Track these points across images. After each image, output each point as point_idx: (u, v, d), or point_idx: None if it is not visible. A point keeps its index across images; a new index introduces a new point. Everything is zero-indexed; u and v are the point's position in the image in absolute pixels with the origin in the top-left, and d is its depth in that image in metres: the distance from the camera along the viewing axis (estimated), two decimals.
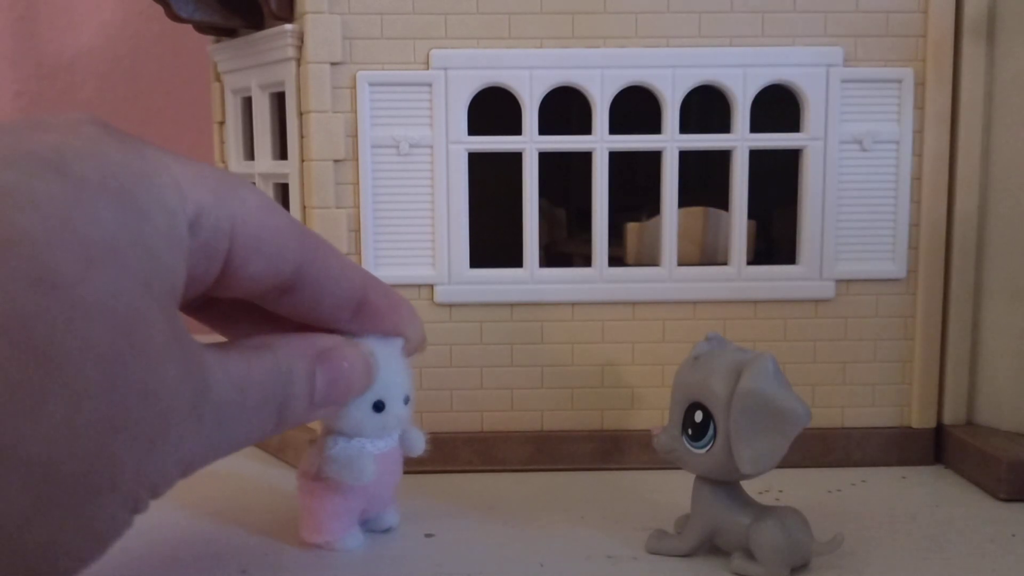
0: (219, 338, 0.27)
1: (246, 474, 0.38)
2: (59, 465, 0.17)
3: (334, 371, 0.25)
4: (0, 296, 0.16)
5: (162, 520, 0.30)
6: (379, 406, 0.28)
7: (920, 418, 0.38)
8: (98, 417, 0.18)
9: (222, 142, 0.43)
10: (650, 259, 0.39)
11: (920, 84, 0.37)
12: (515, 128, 0.37)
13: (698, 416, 0.27)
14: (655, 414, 0.38)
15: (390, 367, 0.28)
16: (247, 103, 0.41)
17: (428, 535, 0.31)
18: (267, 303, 0.25)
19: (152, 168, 0.20)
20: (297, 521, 0.30)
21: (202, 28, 0.40)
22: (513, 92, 0.36)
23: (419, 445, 0.31)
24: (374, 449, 0.29)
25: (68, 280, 0.17)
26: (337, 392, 0.26)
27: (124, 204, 0.19)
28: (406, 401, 0.29)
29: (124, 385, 0.18)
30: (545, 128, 0.37)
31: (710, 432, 0.27)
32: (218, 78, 0.43)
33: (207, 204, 0.21)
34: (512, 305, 0.37)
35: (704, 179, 0.43)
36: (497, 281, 0.37)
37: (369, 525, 0.31)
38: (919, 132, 0.37)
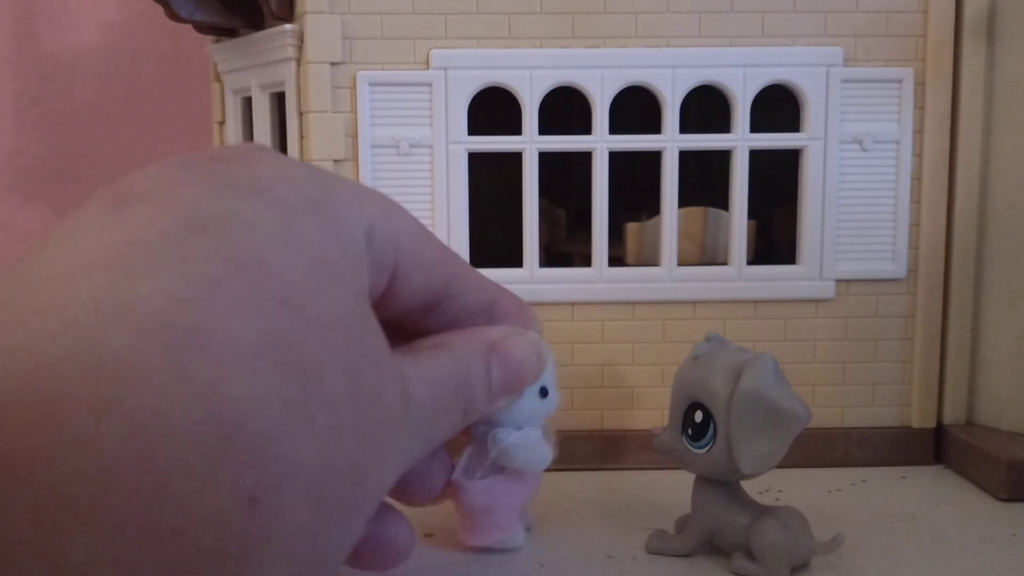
0: None
1: None
2: (331, 475, 0.17)
3: (508, 361, 0.25)
4: (250, 317, 0.16)
5: None
6: (544, 392, 0.28)
7: (920, 418, 0.38)
8: (352, 427, 0.18)
9: (222, 142, 0.43)
10: (650, 259, 0.39)
11: (920, 84, 0.37)
12: (515, 128, 0.37)
13: (698, 416, 0.27)
14: (655, 414, 0.38)
15: None
16: (247, 103, 0.41)
17: (428, 535, 0.31)
18: (411, 322, 0.25)
19: (326, 184, 0.21)
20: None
21: (202, 28, 0.40)
22: (513, 92, 0.36)
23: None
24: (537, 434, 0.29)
25: (304, 297, 0.18)
26: (512, 382, 0.25)
27: (322, 219, 0.19)
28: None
29: (364, 394, 0.18)
30: (545, 128, 0.37)
31: (710, 432, 0.27)
32: (218, 78, 0.43)
33: (377, 217, 0.21)
34: None
35: (704, 179, 0.43)
36: (497, 281, 0.37)
37: None
38: (919, 132, 0.37)
